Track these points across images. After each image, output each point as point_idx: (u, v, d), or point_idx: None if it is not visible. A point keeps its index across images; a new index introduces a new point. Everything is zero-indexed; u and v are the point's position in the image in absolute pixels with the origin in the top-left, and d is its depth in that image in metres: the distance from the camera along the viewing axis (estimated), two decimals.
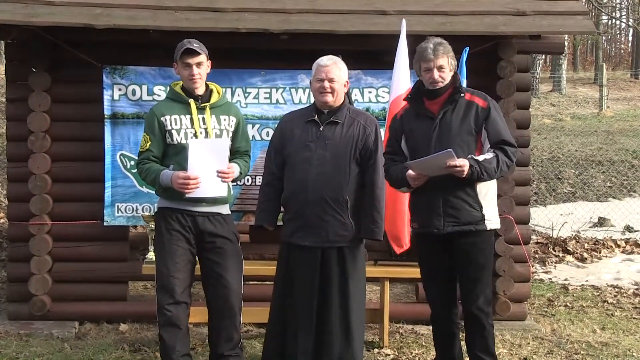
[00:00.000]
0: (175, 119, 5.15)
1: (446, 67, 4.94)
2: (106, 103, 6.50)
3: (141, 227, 7.96)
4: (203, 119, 5.17)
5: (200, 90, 5.21)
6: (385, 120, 6.30)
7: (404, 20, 6.05)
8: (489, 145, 4.91)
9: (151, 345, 6.08)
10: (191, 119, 5.15)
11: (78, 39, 6.37)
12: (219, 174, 5.03)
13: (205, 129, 5.15)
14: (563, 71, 26.75)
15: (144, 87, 6.53)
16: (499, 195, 5.62)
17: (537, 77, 23.90)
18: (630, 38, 43.05)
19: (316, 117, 5.15)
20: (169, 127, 5.14)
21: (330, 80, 5.08)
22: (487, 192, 4.98)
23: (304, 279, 5.08)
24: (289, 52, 6.49)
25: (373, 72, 6.63)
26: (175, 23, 6.15)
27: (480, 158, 4.80)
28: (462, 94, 4.96)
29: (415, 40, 5.97)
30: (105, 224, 6.58)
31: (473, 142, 4.92)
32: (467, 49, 6.19)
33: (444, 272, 5.10)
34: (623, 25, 39.83)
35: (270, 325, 5.26)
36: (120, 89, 6.52)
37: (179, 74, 5.23)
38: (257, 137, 6.54)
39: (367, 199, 5.10)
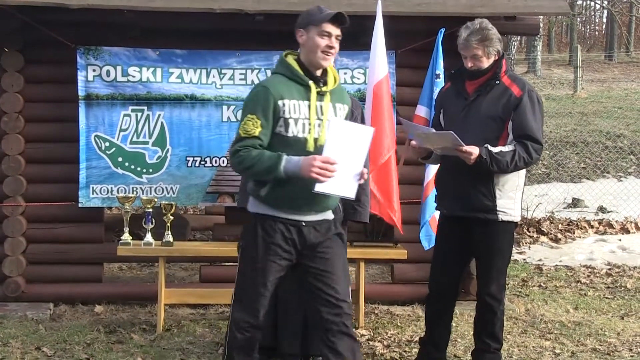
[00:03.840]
0: (294, 106, 4.02)
1: (482, 55, 4.79)
2: (80, 84, 6.44)
3: (116, 209, 7.92)
4: (321, 107, 4.08)
5: (320, 70, 4.15)
6: (360, 100, 6.26)
7: (379, 1, 6.02)
8: (512, 137, 4.79)
9: (126, 327, 6.07)
10: (309, 107, 4.06)
11: (51, 18, 6.29)
12: (359, 175, 4.06)
13: (321, 122, 4.09)
14: (538, 52, 26.80)
15: (119, 68, 6.47)
16: None
17: (513, 58, 23.90)
18: (604, 20, 43.23)
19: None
20: (287, 115, 4.00)
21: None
22: (506, 183, 4.83)
23: None
24: (264, 32, 6.45)
25: (349, 53, 6.60)
26: (150, 3, 6.08)
27: (495, 150, 4.66)
28: (498, 81, 4.84)
29: (392, 20, 5.98)
30: (80, 205, 6.53)
31: (498, 129, 4.79)
32: (443, 30, 6.19)
33: (451, 253, 5.07)
34: (598, 6, 39.97)
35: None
36: (94, 70, 6.45)
37: (304, 43, 4.08)
38: (233, 119, 6.49)
39: None
